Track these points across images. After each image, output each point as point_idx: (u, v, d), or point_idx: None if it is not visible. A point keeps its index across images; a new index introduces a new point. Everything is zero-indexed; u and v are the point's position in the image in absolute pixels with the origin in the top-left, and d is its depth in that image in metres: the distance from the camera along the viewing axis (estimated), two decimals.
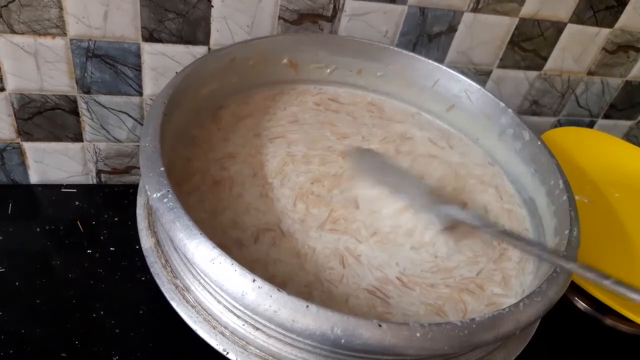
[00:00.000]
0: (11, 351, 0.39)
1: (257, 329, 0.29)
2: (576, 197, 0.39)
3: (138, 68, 0.47)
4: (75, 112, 0.48)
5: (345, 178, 0.41)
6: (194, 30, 0.46)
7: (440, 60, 0.54)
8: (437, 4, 0.50)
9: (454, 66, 0.50)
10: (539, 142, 0.43)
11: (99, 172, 0.54)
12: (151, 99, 0.49)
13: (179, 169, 0.39)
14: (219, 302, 0.30)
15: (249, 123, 0.45)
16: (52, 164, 0.52)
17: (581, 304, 0.49)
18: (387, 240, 0.38)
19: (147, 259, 0.34)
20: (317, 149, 0.44)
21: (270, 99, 0.48)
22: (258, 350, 0.30)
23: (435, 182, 0.43)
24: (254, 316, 0.29)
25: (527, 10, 0.53)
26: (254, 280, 0.26)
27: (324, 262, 0.35)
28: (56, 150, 0.51)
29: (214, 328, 0.31)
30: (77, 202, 0.52)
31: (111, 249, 0.48)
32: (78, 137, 0.50)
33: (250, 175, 0.40)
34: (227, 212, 0.37)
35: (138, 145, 0.52)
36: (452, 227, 0.39)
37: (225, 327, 0.31)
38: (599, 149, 0.64)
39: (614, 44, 0.60)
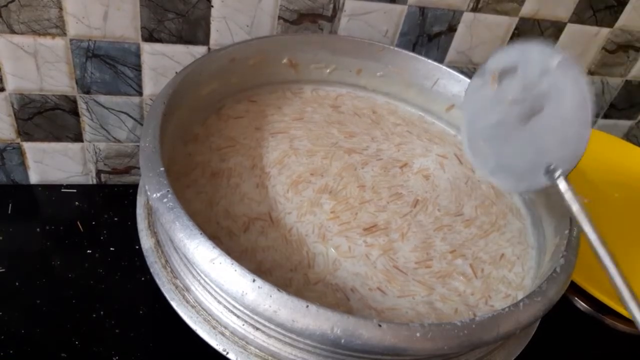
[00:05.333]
0: (11, 351, 0.39)
1: (257, 329, 0.29)
2: None
3: (138, 68, 0.47)
4: (75, 112, 0.48)
5: (349, 172, 0.42)
6: (193, 30, 0.46)
7: (440, 60, 0.54)
8: (436, 3, 0.50)
9: (453, 66, 0.50)
10: None
11: (98, 172, 0.54)
12: (151, 99, 0.49)
13: (179, 165, 0.39)
14: (219, 302, 0.30)
15: (250, 122, 0.45)
16: (52, 164, 0.52)
17: (581, 304, 0.49)
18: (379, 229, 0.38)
19: (147, 259, 0.34)
20: (322, 145, 0.44)
21: (271, 99, 0.48)
22: (258, 350, 0.30)
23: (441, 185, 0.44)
24: (253, 316, 0.29)
25: (527, 9, 0.53)
26: (253, 280, 0.26)
27: (311, 247, 0.36)
28: (56, 151, 0.51)
29: (213, 328, 0.31)
30: (77, 202, 0.52)
31: (111, 249, 0.48)
32: (78, 137, 0.50)
33: (249, 167, 0.40)
34: (222, 202, 0.37)
35: (138, 145, 0.52)
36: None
37: (225, 327, 0.31)
38: (599, 149, 0.64)
39: (613, 43, 0.60)
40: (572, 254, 0.34)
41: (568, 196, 0.32)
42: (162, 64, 0.47)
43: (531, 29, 0.55)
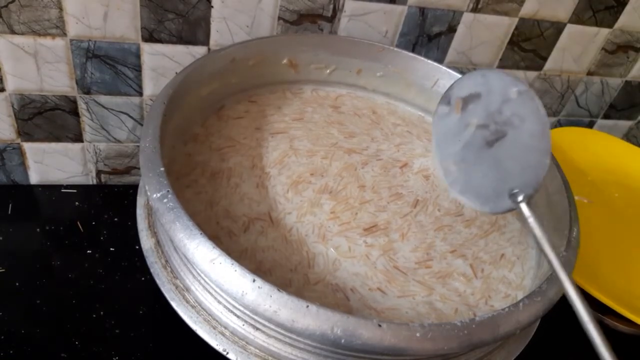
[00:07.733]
0: (11, 351, 0.39)
1: (257, 329, 0.29)
2: (576, 197, 0.39)
3: (138, 68, 0.47)
4: (75, 112, 0.48)
5: (349, 172, 0.42)
6: (193, 30, 0.46)
7: (440, 60, 0.54)
8: (436, 4, 0.50)
9: (453, 66, 0.50)
10: None
11: (99, 173, 0.54)
12: (151, 100, 0.50)
13: (179, 165, 0.39)
14: (219, 302, 0.30)
15: (250, 122, 0.45)
16: (52, 164, 0.52)
17: None
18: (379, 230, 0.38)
19: (147, 259, 0.35)
20: (322, 145, 0.44)
21: (271, 99, 0.48)
22: (258, 350, 0.30)
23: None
24: (254, 316, 0.29)
25: (526, 10, 0.53)
26: (254, 280, 0.27)
27: (311, 247, 0.36)
28: (56, 151, 0.51)
29: (214, 328, 0.31)
30: (77, 203, 0.52)
31: (111, 249, 0.48)
32: (78, 138, 0.50)
33: (249, 167, 0.40)
34: (222, 202, 0.37)
35: (138, 146, 0.52)
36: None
37: (225, 327, 0.31)
38: (599, 149, 0.64)
39: (613, 44, 0.60)
40: (572, 254, 0.34)
41: (531, 221, 0.32)
42: (162, 64, 0.47)
43: (531, 30, 0.55)
